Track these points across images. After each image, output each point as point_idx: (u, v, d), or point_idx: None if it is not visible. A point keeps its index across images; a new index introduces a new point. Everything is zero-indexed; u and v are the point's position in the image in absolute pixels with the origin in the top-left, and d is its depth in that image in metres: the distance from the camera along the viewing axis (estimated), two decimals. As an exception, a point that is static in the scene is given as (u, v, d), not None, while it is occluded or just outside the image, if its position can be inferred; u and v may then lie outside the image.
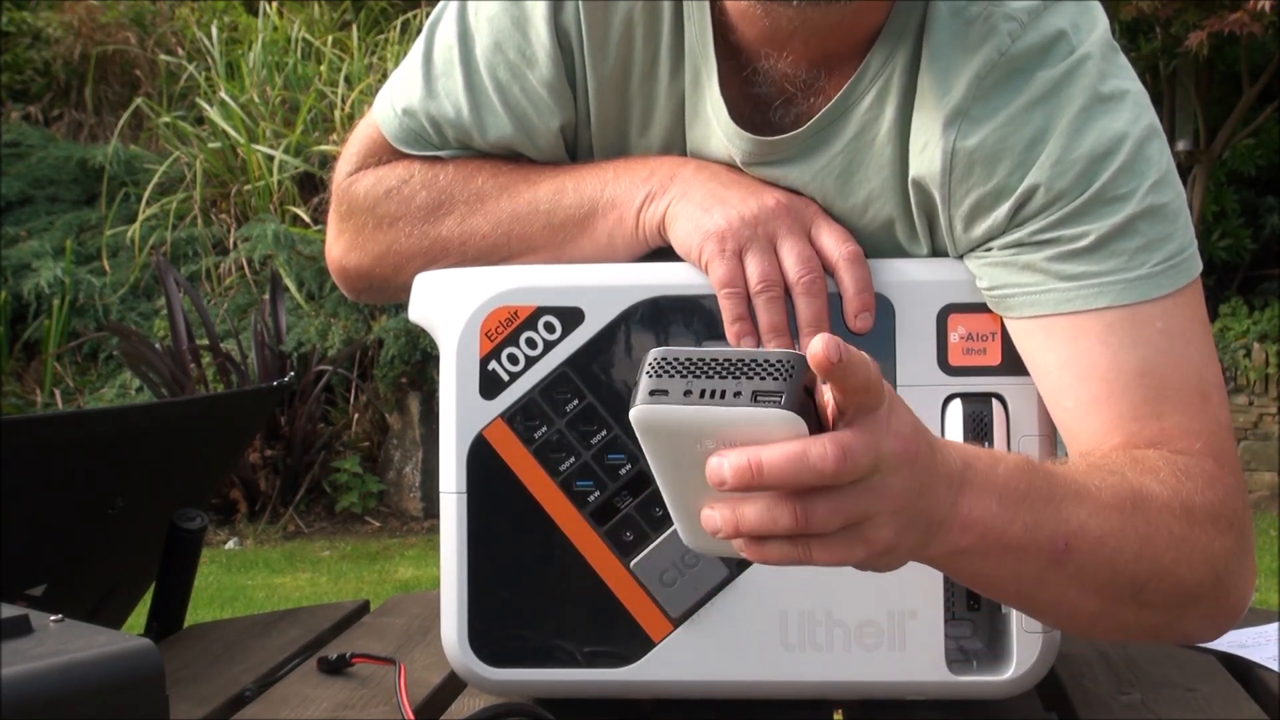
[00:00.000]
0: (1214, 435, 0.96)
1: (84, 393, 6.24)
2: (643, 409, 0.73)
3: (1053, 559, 0.85)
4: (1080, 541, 0.85)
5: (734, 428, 0.72)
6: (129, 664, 0.70)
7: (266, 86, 7.03)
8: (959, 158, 0.97)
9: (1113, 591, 0.89)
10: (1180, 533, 0.90)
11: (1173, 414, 0.95)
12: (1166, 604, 0.92)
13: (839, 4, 0.94)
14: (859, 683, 1.01)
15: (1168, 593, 0.91)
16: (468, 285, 1.02)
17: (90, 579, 1.29)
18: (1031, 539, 0.83)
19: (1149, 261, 0.95)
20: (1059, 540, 0.84)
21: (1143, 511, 0.88)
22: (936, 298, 1.00)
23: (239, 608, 4.27)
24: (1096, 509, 0.86)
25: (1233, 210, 6.35)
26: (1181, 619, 0.95)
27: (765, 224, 0.99)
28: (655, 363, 0.73)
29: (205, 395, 4.47)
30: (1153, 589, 0.90)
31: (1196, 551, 0.91)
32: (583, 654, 1.01)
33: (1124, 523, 0.87)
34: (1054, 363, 0.96)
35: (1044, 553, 0.84)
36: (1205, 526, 0.91)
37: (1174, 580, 0.91)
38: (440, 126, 1.10)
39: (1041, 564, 0.85)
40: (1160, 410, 0.95)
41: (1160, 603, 0.92)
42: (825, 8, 0.95)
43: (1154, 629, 0.96)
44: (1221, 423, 0.97)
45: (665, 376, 0.72)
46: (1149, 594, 0.90)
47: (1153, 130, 0.98)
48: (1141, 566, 0.88)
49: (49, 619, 0.74)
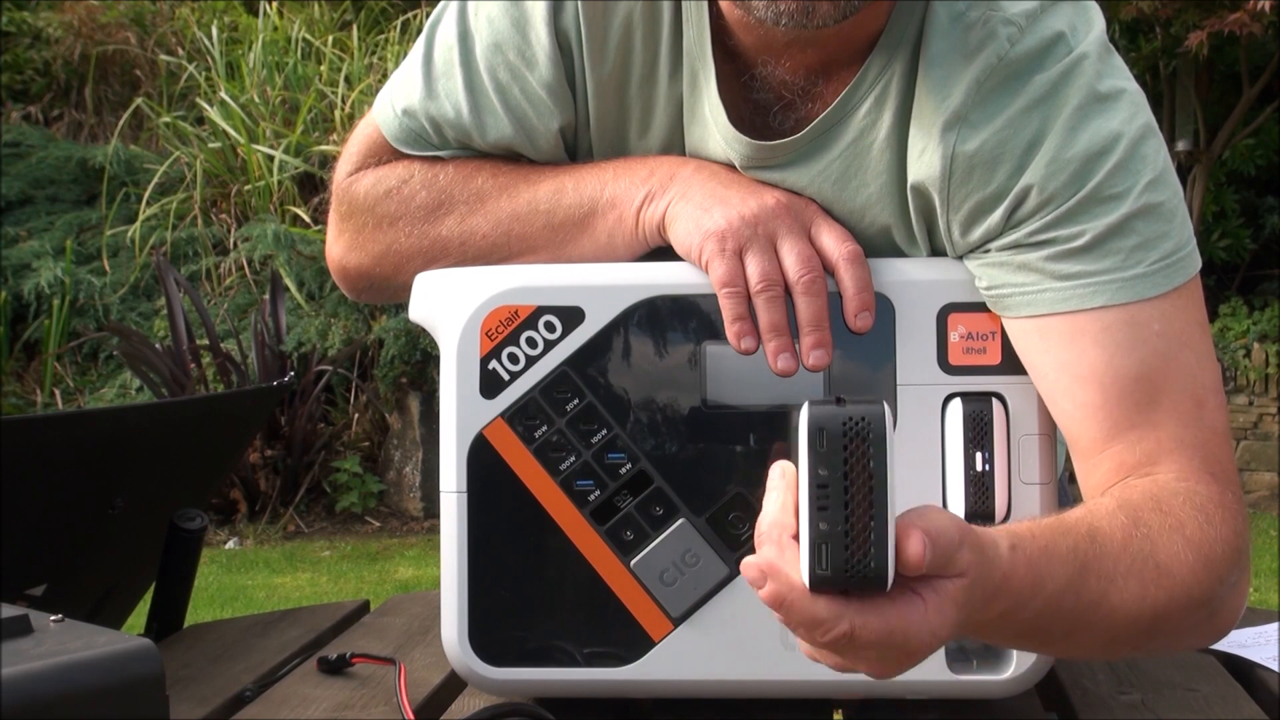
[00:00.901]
0: (1209, 445, 0.96)
1: (84, 393, 6.24)
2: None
3: (1079, 626, 0.87)
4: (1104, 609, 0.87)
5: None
6: (129, 664, 0.70)
7: (266, 86, 7.04)
8: (958, 162, 0.97)
9: (1117, 646, 0.93)
10: (1199, 595, 0.91)
11: (1168, 423, 0.95)
12: (1172, 635, 0.94)
13: (832, 24, 0.94)
14: (859, 682, 1.00)
15: (1170, 640, 0.95)
16: (468, 285, 1.02)
17: (90, 579, 1.29)
18: (1067, 620, 0.86)
19: (1145, 260, 0.95)
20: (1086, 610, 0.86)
21: (1165, 583, 0.89)
22: (936, 297, 1.00)
23: (239, 608, 4.27)
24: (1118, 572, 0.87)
25: (1232, 210, 6.35)
26: (1176, 645, 1.01)
27: (765, 223, 0.99)
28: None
29: (205, 395, 4.47)
30: (1156, 642, 0.93)
31: (1211, 605, 0.93)
32: (582, 654, 1.01)
33: (1144, 595, 0.88)
34: (1051, 365, 0.96)
35: (1073, 623, 0.86)
36: (1224, 578, 0.93)
37: (1178, 630, 0.93)
38: (440, 127, 1.10)
39: (1067, 632, 0.88)
40: (1155, 419, 0.95)
41: (1160, 646, 0.97)
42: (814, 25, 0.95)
43: (1154, 649, 1.03)
44: (1217, 430, 0.97)
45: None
46: (1152, 645, 0.95)
47: (1148, 129, 0.98)
48: (1154, 628, 0.90)
49: (49, 619, 0.74)
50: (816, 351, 0.97)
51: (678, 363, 1.00)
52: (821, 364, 0.98)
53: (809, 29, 0.94)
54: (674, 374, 1.00)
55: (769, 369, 0.97)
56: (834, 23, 0.93)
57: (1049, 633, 0.86)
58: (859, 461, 0.70)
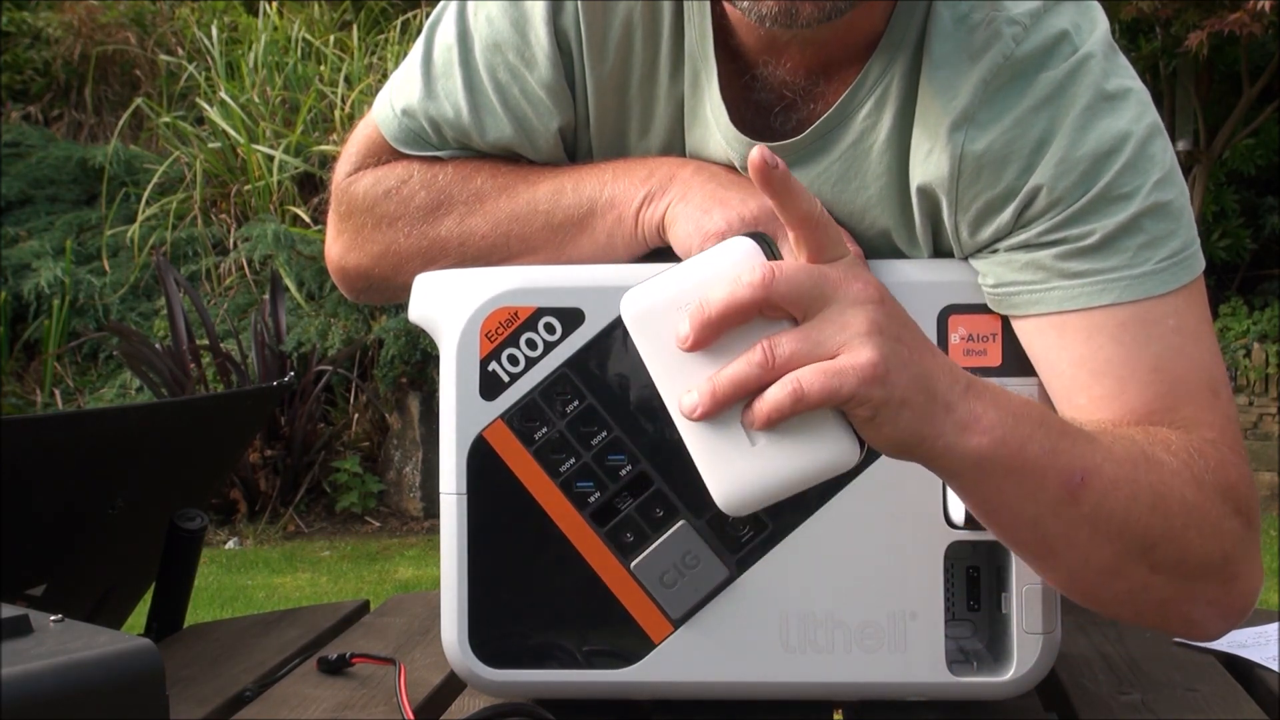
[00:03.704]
0: (1224, 428, 0.96)
1: (84, 393, 6.24)
2: (629, 295, 0.78)
3: (1070, 491, 0.85)
4: (1096, 480, 0.86)
5: (705, 279, 0.77)
6: (129, 664, 0.70)
7: (266, 86, 7.03)
8: (967, 162, 0.97)
9: (1125, 543, 0.89)
10: (1192, 499, 0.90)
11: (1185, 408, 0.95)
12: (1176, 572, 0.92)
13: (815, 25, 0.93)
14: (859, 684, 1.01)
15: (1178, 559, 0.91)
16: (468, 286, 1.02)
17: (90, 579, 1.29)
18: (1051, 463, 0.84)
19: (1153, 258, 0.95)
20: (1075, 473, 0.85)
21: (1155, 471, 0.89)
22: (937, 299, 1.00)
23: (239, 608, 4.27)
24: (1109, 458, 0.87)
25: (1233, 210, 6.34)
26: (1189, 595, 0.94)
27: (765, 225, 0.99)
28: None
29: (205, 395, 4.47)
30: (1163, 551, 0.90)
31: (1207, 522, 0.91)
32: (583, 654, 1.01)
33: (1138, 474, 0.88)
34: (1067, 361, 0.96)
35: (1061, 481, 0.85)
36: (1215, 501, 0.92)
37: (1184, 546, 0.91)
38: (440, 127, 1.10)
39: (1059, 493, 0.85)
40: (1173, 404, 0.95)
41: (1170, 568, 0.91)
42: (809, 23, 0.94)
43: (1161, 602, 0.94)
44: (1231, 418, 0.97)
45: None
46: (1160, 555, 0.90)
47: (1155, 128, 0.98)
48: (1155, 521, 0.89)
49: (49, 619, 0.74)
50: (817, 352, 0.97)
51: (678, 363, 1.00)
52: (821, 365, 0.98)
53: (793, 29, 0.94)
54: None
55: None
56: (818, 24, 0.93)
57: (1045, 476, 0.84)
58: None
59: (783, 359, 0.76)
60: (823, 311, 0.77)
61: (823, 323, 0.77)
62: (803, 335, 0.76)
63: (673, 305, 0.77)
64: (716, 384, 0.76)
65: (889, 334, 0.77)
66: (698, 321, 0.76)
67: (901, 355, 0.77)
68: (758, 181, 0.76)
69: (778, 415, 0.76)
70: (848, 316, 0.77)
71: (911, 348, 0.79)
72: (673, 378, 0.78)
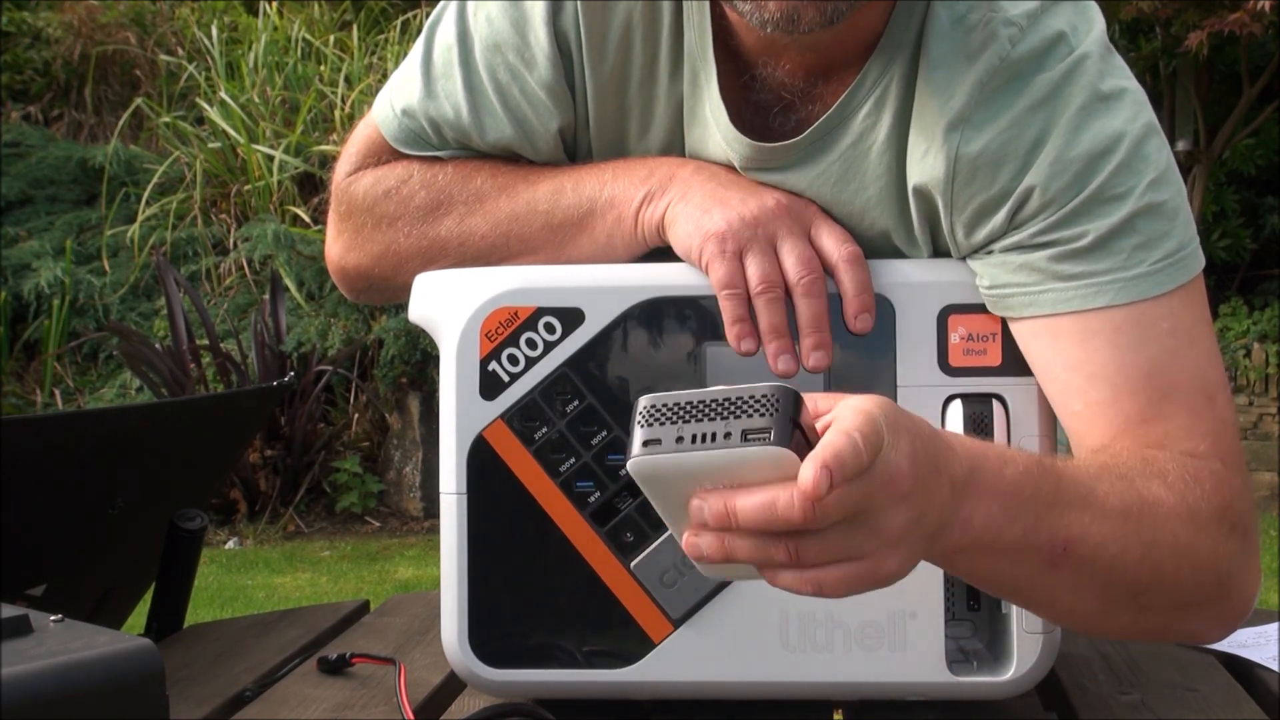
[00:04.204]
0: (1219, 435, 0.96)
1: (84, 393, 6.24)
2: (638, 460, 0.73)
3: (1049, 561, 0.85)
4: (1080, 546, 0.86)
5: (727, 469, 0.72)
6: (129, 664, 0.70)
7: (266, 86, 7.03)
8: (962, 164, 0.97)
9: (1111, 595, 0.90)
10: (1186, 540, 0.90)
11: (1179, 415, 0.95)
12: (1167, 608, 0.93)
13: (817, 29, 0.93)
14: (859, 683, 1.01)
15: (1168, 597, 0.92)
16: (468, 286, 1.02)
17: (90, 579, 1.29)
18: (1028, 542, 0.84)
19: (1148, 259, 0.95)
20: (1057, 544, 0.85)
21: (1149, 518, 0.89)
22: (937, 298, 1.00)
23: (239, 608, 4.26)
24: (1100, 515, 0.87)
25: (1232, 210, 6.34)
26: (1183, 621, 0.96)
27: (765, 225, 0.99)
28: (646, 411, 0.73)
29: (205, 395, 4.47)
30: (1153, 594, 0.91)
31: (1201, 558, 0.92)
32: (583, 654, 1.01)
33: (1127, 529, 0.88)
34: (1062, 365, 0.96)
35: (1040, 555, 0.85)
36: (1211, 532, 0.92)
37: (1175, 585, 0.91)
38: (439, 127, 1.10)
39: (1038, 566, 0.86)
40: (1167, 411, 0.95)
41: (1161, 607, 0.93)
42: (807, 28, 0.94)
43: (1155, 631, 0.98)
44: (1227, 422, 0.97)
45: (657, 425, 0.73)
46: (1149, 599, 0.91)
47: (1151, 128, 0.98)
48: (1143, 572, 0.89)
49: (49, 619, 0.74)
50: (817, 353, 0.97)
51: (678, 364, 1.00)
52: (822, 365, 0.98)
53: (795, 34, 0.94)
54: (674, 375, 1.00)
55: (769, 370, 0.97)
56: (820, 28, 0.93)
57: (1022, 554, 0.84)
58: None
59: (808, 561, 0.74)
60: (856, 519, 0.74)
61: (853, 530, 0.74)
62: (833, 547, 0.74)
63: (688, 478, 0.73)
64: (733, 555, 0.74)
65: (915, 531, 0.76)
66: (722, 524, 0.73)
67: (915, 540, 0.77)
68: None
69: (791, 589, 0.76)
70: (879, 523, 0.74)
71: (920, 519, 0.77)
72: (680, 522, 0.76)
